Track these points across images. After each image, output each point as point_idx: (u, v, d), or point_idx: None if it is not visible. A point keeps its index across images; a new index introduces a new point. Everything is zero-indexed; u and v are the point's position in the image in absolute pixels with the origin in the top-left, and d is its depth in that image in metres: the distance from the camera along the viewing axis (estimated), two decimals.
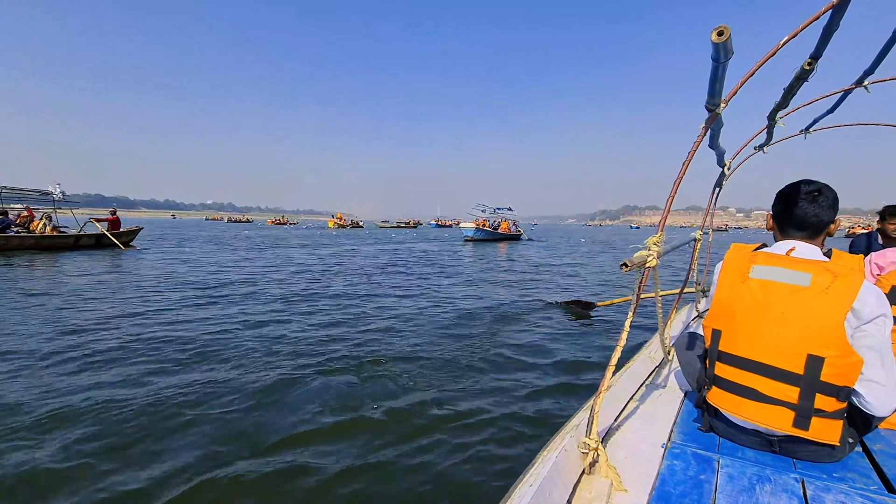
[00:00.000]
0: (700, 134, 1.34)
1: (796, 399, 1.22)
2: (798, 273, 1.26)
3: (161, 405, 2.97)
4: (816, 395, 1.20)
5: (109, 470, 2.29)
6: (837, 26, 1.25)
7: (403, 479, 2.27)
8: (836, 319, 1.18)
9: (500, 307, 6.55)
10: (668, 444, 1.38)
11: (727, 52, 1.09)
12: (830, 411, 1.21)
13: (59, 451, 2.44)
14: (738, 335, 1.32)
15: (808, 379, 1.20)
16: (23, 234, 13.09)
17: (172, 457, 2.41)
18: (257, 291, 7.50)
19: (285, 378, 3.49)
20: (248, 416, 2.88)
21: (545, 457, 1.16)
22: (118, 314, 5.54)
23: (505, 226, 31.43)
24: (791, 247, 1.35)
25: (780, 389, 1.24)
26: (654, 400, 1.75)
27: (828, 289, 1.20)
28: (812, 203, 1.32)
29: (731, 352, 1.34)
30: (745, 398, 1.30)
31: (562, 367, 3.99)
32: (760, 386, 1.27)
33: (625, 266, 1.28)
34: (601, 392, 1.31)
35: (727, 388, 1.35)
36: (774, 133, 2.63)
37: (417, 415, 2.94)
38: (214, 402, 3.05)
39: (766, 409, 1.26)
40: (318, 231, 43.03)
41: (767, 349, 1.26)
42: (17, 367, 3.62)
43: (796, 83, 1.58)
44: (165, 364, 3.77)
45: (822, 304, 1.20)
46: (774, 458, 1.30)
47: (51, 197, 14.70)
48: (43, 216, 14.02)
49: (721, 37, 1.03)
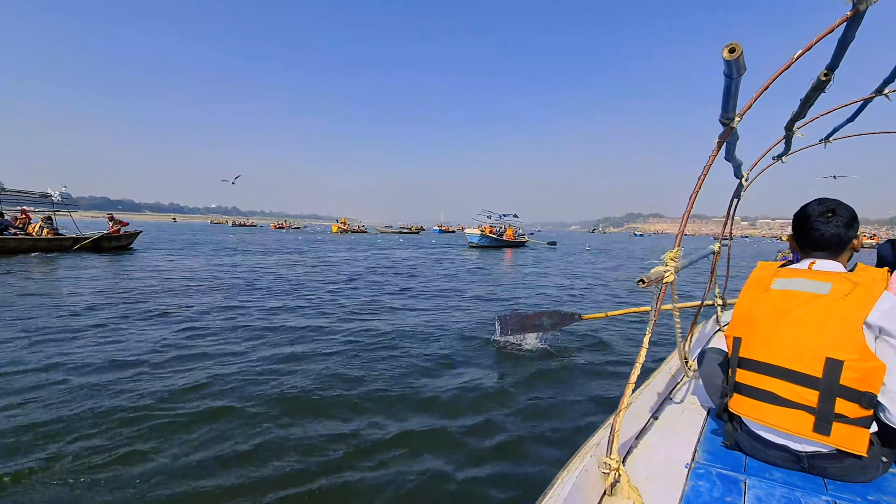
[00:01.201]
0: (715, 148, 1.33)
1: (815, 402, 1.20)
2: (818, 282, 1.27)
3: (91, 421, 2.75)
4: (837, 399, 1.18)
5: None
6: (853, 38, 1.22)
7: (417, 500, 2.20)
8: (854, 323, 1.17)
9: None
10: (691, 463, 1.35)
11: (739, 69, 1.07)
12: (853, 417, 1.18)
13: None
14: (757, 341, 1.33)
15: (828, 382, 1.19)
16: (20, 237, 12.99)
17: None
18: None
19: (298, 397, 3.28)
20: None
21: (565, 478, 1.13)
22: (117, 315, 5.35)
23: (510, 232, 31.04)
24: (811, 261, 1.36)
25: (799, 393, 1.23)
26: (676, 417, 1.70)
27: (847, 295, 1.20)
28: (826, 224, 1.33)
29: (751, 357, 1.34)
30: (764, 402, 1.30)
31: (575, 382, 3.83)
32: (780, 390, 1.26)
33: (642, 282, 1.24)
34: (621, 410, 1.27)
35: (747, 394, 1.35)
36: (793, 143, 2.59)
37: (429, 434, 2.83)
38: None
39: (785, 413, 1.25)
40: (318, 236, 42.87)
41: (785, 353, 1.26)
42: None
43: (813, 94, 1.55)
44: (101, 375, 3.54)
45: (840, 308, 1.20)
46: (804, 479, 1.26)
47: (50, 199, 14.63)
48: (41, 218, 13.93)
49: (733, 54, 1.00)
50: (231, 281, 9.22)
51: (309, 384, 3.50)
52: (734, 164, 2.44)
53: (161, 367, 3.79)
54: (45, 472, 2.29)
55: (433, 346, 4.84)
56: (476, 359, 4.44)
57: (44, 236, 13.51)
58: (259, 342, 4.69)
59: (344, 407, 3.19)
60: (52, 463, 2.36)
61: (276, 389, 3.38)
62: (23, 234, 13.31)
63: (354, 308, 6.75)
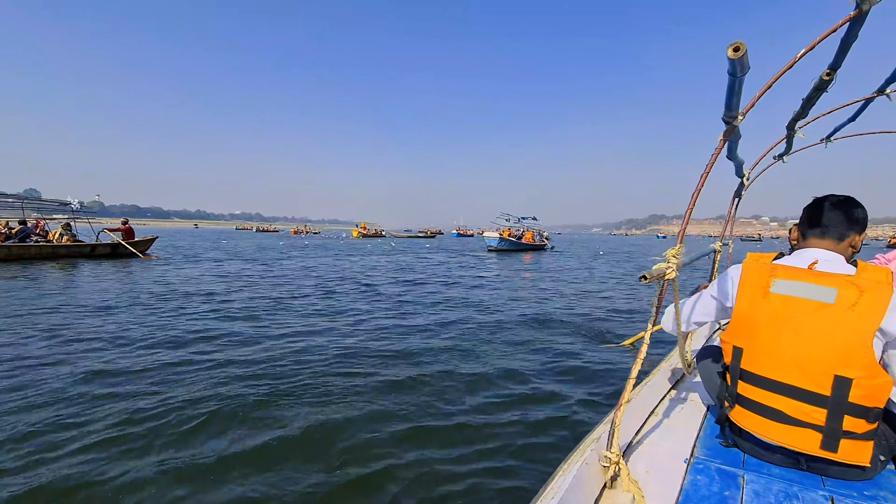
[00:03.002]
0: (718, 146, 1.34)
1: (823, 421, 1.17)
2: (822, 288, 1.21)
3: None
4: (845, 416, 1.15)
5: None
6: (856, 37, 1.23)
7: (418, 490, 2.21)
8: (865, 339, 1.13)
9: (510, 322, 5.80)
10: (690, 458, 1.37)
11: (743, 68, 1.06)
12: (860, 433, 1.16)
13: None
14: (760, 353, 1.28)
15: (836, 400, 1.15)
16: (41, 244, 13.24)
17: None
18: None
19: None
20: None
21: (566, 470, 1.16)
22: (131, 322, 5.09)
23: (529, 235, 30.42)
24: (814, 259, 1.29)
25: (807, 412, 1.19)
26: (676, 413, 1.72)
27: (854, 305, 1.15)
28: (834, 208, 1.33)
29: (755, 371, 1.29)
30: (770, 420, 1.26)
31: (578, 379, 3.85)
32: (786, 408, 1.22)
33: (644, 278, 1.26)
34: (621, 405, 1.30)
35: (751, 409, 1.31)
36: (794, 143, 2.61)
37: (431, 427, 2.85)
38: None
39: (792, 431, 1.22)
40: (339, 239, 43.00)
41: (792, 369, 1.21)
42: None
43: (815, 94, 1.58)
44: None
45: (849, 322, 1.15)
46: (802, 476, 1.26)
47: (69, 207, 14.94)
48: (61, 225, 14.19)
49: (737, 52, 1.00)
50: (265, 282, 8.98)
51: (288, 382, 3.24)
52: (736, 164, 2.44)
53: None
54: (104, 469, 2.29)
55: (438, 341, 4.82)
56: (478, 354, 4.49)
57: (63, 243, 13.73)
58: (268, 346, 4.33)
59: (344, 400, 3.22)
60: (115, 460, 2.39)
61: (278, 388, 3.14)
62: (44, 241, 13.56)
63: (372, 310, 6.36)
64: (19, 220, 13.69)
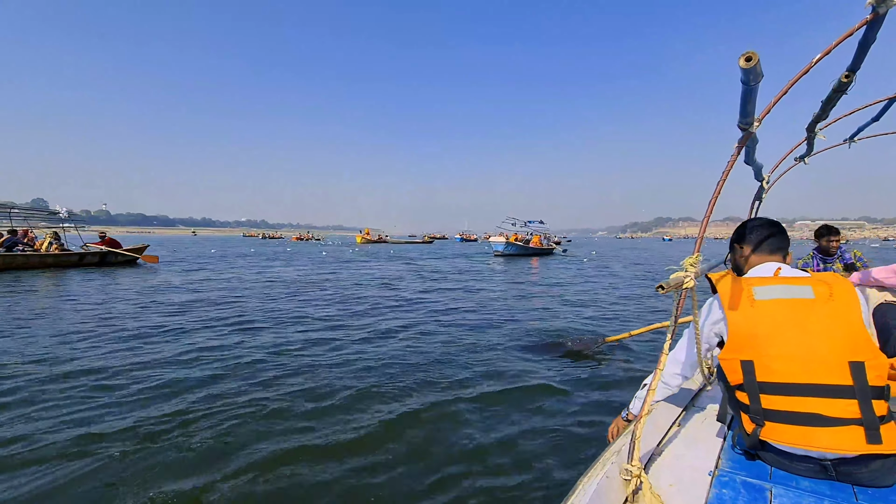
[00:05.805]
0: (734, 153, 1.33)
1: (859, 413, 1.12)
2: (798, 287, 1.25)
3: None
4: (872, 402, 1.12)
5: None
6: (874, 39, 1.21)
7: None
8: (857, 322, 1.17)
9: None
10: (715, 471, 1.31)
11: (756, 76, 1.08)
12: (887, 415, 1.14)
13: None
14: (773, 360, 1.22)
15: (860, 387, 1.13)
16: (28, 253, 12.99)
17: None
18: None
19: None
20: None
21: (586, 484, 1.15)
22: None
23: (536, 240, 30.00)
24: (777, 267, 1.36)
25: (842, 407, 1.14)
26: (698, 425, 1.64)
27: (831, 296, 1.21)
28: (782, 232, 1.44)
29: (775, 380, 1.21)
30: (810, 426, 1.16)
31: (595, 389, 3.74)
32: (823, 409, 1.15)
33: (661, 288, 1.21)
34: (642, 416, 1.27)
35: (786, 420, 1.20)
36: (815, 144, 2.59)
37: (446, 441, 2.82)
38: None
39: (836, 433, 1.14)
40: (342, 246, 42.70)
41: (811, 367, 1.17)
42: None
43: (835, 95, 1.55)
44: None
45: (837, 310, 1.19)
46: (832, 487, 1.19)
47: (58, 216, 14.72)
48: (49, 234, 13.95)
49: (749, 62, 1.02)
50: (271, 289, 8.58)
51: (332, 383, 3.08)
52: (754, 168, 2.43)
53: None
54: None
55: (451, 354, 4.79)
56: (497, 368, 4.33)
57: (52, 252, 13.47)
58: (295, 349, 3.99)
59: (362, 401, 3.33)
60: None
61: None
62: (31, 250, 13.30)
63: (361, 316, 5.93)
64: (8, 230, 13.47)
